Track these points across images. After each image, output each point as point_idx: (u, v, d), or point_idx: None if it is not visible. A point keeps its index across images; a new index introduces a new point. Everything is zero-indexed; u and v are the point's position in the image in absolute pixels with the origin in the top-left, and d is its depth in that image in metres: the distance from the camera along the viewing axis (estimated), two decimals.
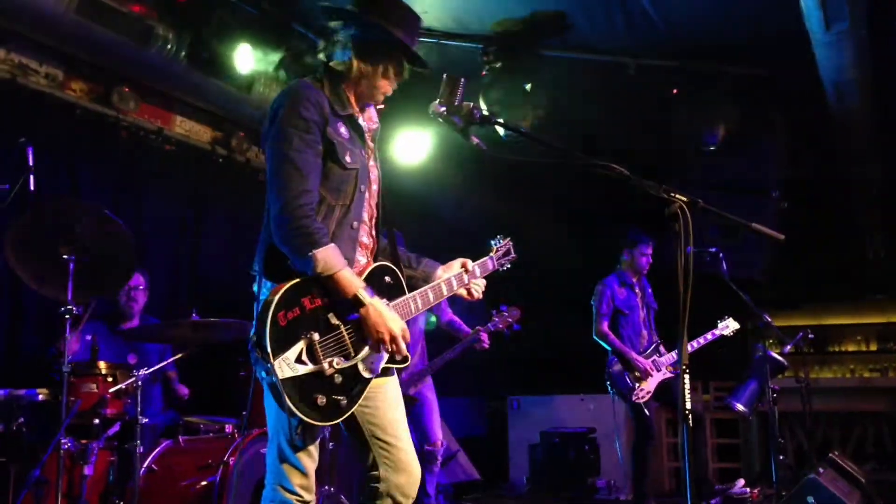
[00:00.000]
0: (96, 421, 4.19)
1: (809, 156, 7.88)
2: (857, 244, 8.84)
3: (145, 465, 4.32)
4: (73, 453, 4.08)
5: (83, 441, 4.13)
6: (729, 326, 6.24)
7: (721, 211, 2.51)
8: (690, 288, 2.40)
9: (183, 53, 5.47)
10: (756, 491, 6.15)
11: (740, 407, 6.19)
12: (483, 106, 6.17)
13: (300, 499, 2.63)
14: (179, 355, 4.78)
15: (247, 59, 5.52)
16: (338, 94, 2.76)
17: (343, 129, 2.74)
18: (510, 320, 5.50)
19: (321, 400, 2.51)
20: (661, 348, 6.29)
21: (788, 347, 6.19)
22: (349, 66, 2.76)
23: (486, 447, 8.95)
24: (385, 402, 2.78)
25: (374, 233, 2.88)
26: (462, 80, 2.77)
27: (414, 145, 7.15)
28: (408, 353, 2.74)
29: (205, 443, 4.54)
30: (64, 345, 4.01)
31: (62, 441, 3.88)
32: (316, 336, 2.52)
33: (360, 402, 2.64)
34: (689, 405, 2.30)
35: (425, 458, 5.49)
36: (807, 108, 6.93)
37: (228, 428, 4.70)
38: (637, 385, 6.07)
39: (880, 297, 9.01)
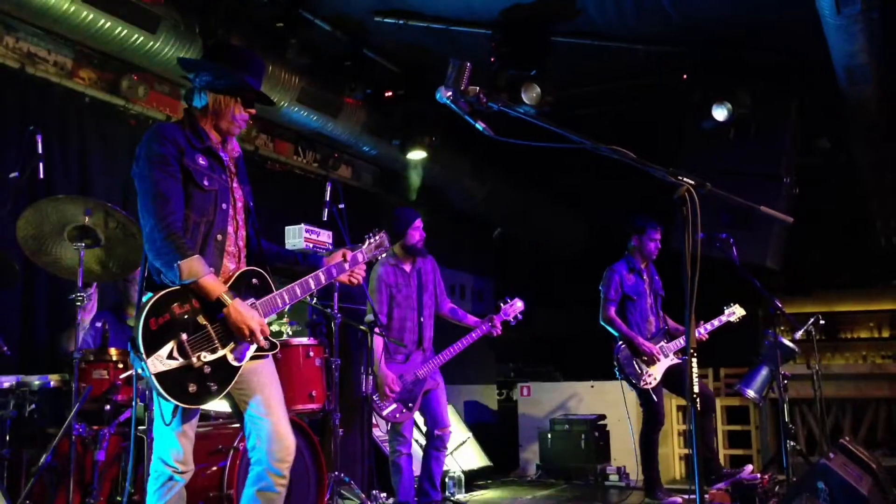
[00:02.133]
0: (108, 407, 4.21)
1: (822, 141, 7.83)
2: (870, 230, 8.79)
3: None
4: (85, 439, 4.10)
5: (95, 427, 4.16)
6: (735, 313, 6.21)
7: (729, 195, 2.49)
8: (699, 274, 2.39)
9: (191, 41, 5.48)
10: (766, 477, 6.13)
11: (751, 393, 6.18)
12: (491, 92, 6.14)
13: (176, 470, 3.10)
14: None
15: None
16: (196, 130, 3.23)
17: (201, 159, 3.19)
18: (516, 311, 5.67)
19: (192, 388, 2.96)
20: (671, 333, 6.28)
21: (799, 334, 6.17)
22: (205, 107, 3.25)
23: (497, 434, 8.97)
24: (257, 382, 3.21)
25: (240, 242, 3.33)
26: (468, 64, 2.76)
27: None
28: (275, 342, 3.23)
29: (214, 428, 4.56)
30: (77, 330, 4.04)
31: (74, 427, 3.91)
32: (184, 336, 2.96)
33: (233, 385, 3.09)
34: (696, 389, 2.29)
35: (435, 442, 5.50)
36: (819, 94, 6.88)
37: None
38: (645, 370, 6.06)
39: (895, 283, 8.97)
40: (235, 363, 3.10)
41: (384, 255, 3.87)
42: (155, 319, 2.92)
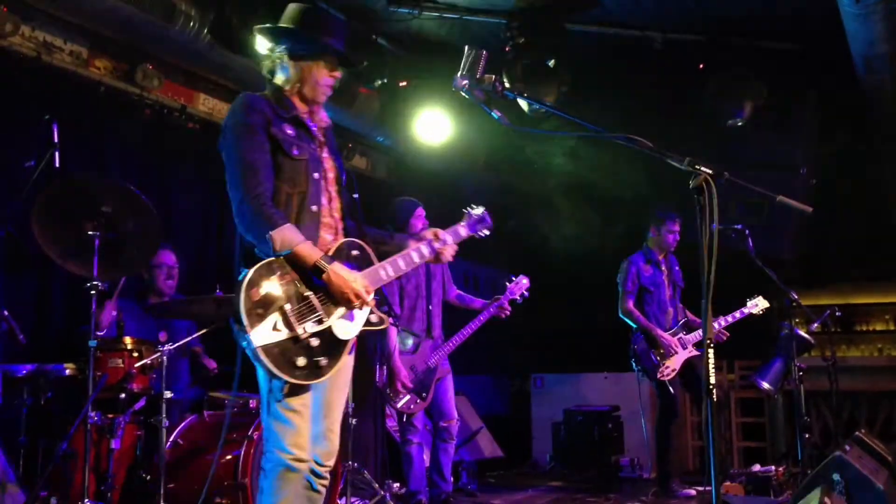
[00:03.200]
0: (122, 395, 4.23)
1: (839, 132, 7.76)
2: (887, 222, 8.72)
3: (171, 439, 4.37)
4: (100, 427, 4.13)
5: (110, 415, 4.18)
6: (758, 305, 6.17)
7: (747, 184, 2.47)
8: (715, 265, 2.37)
9: (206, 30, 5.47)
10: (781, 469, 6.11)
11: (766, 385, 6.15)
12: (506, 81, 6.12)
13: (293, 456, 2.89)
14: (204, 331, 4.82)
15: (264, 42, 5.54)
16: (281, 100, 3.12)
17: (288, 129, 3.07)
18: (522, 289, 5.66)
19: (301, 361, 2.80)
20: (690, 325, 6.24)
21: (815, 326, 6.13)
22: (288, 76, 3.14)
23: (510, 425, 8.97)
24: (333, 380, 3.01)
25: (335, 214, 3.17)
26: (484, 52, 2.75)
27: (436, 125, 7.12)
28: (383, 316, 3.10)
29: (229, 417, 4.57)
30: (96, 317, 4.06)
31: (89, 415, 3.92)
32: (287, 306, 2.82)
33: (340, 363, 2.93)
34: (713, 380, 2.28)
35: (442, 434, 5.50)
36: (837, 84, 6.82)
37: (252, 403, 4.73)
38: (662, 362, 6.04)
39: None
40: (344, 336, 2.95)
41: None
42: (257, 290, 2.78)
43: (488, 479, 7.61)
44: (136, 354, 4.33)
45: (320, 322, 2.87)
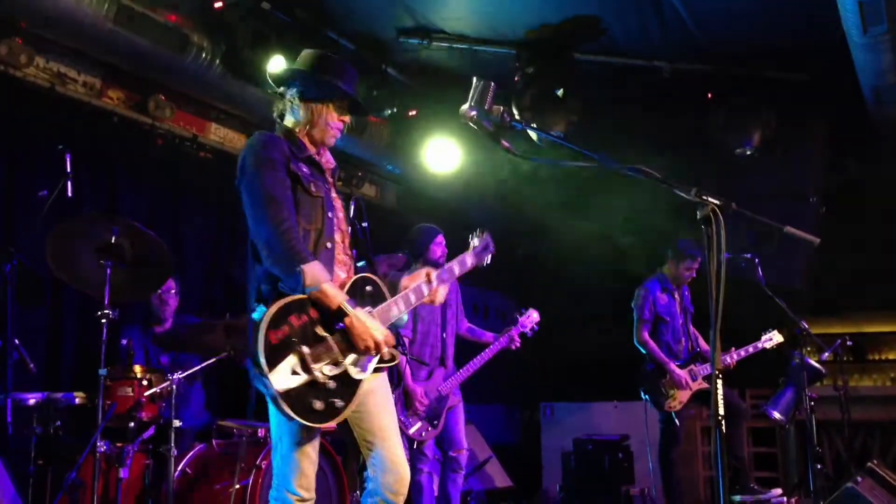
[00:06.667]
0: (132, 424, 4.24)
1: (849, 160, 7.75)
2: None
3: (179, 468, 4.36)
4: (109, 456, 4.13)
5: (119, 444, 4.19)
6: (773, 339, 6.11)
7: (754, 215, 2.47)
8: (723, 294, 2.37)
9: (218, 61, 5.54)
10: (794, 500, 6.04)
11: (777, 415, 6.09)
12: (515, 111, 6.16)
13: (300, 498, 2.93)
14: (214, 359, 4.82)
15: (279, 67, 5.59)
16: (294, 141, 3.16)
17: (304, 167, 3.11)
18: (532, 322, 5.66)
19: (318, 405, 2.81)
20: (703, 355, 6.21)
21: (826, 355, 6.09)
22: (298, 118, 3.20)
23: (519, 454, 8.91)
24: (374, 405, 3.08)
25: (347, 251, 3.22)
26: (492, 84, 2.76)
27: (446, 154, 7.16)
28: (395, 353, 3.10)
29: (238, 446, 4.57)
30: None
31: (98, 444, 3.93)
32: (305, 349, 2.81)
33: (354, 403, 2.93)
34: (721, 411, 2.27)
35: (451, 464, 5.47)
36: (846, 112, 6.82)
37: (261, 432, 4.72)
38: (671, 394, 6.01)
39: None
40: (358, 376, 2.95)
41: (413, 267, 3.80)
42: (274, 332, 2.76)
43: None
44: (145, 383, 4.33)
45: (336, 364, 2.88)
